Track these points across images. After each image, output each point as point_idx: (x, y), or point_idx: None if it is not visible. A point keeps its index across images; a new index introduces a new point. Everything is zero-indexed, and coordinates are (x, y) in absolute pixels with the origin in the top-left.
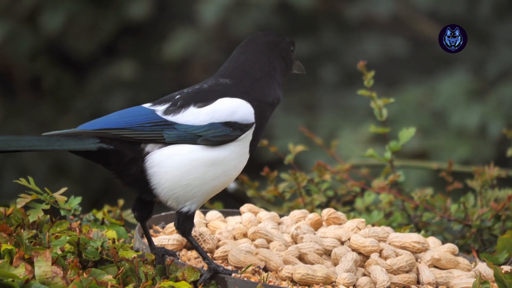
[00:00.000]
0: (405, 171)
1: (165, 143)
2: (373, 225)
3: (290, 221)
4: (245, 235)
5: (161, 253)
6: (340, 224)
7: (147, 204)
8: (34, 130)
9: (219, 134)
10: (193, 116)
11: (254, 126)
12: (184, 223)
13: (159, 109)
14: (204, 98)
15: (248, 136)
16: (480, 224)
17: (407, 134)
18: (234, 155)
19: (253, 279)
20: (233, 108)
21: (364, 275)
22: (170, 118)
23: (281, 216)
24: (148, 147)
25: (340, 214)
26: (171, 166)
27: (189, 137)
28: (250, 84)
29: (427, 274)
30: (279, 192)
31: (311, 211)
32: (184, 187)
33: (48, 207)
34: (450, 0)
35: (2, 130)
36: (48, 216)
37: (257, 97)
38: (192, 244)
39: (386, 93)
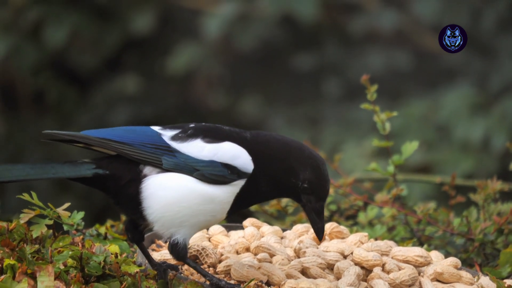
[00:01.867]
0: (408, 185)
1: (162, 168)
2: (376, 239)
3: (292, 235)
4: (247, 249)
5: (163, 268)
6: (343, 238)
7: (138, 226)
8: (37, 145)
9: (217, 173)
10: (197, 148)
11: (248, 176)
12: (176, 251)
13: (167, 134)
14: (214, 136)
15: (239, 184)
16: (483, 238)
17: (410, 147)
18: (224, 199)
19: None
20: (237, 153)
21: None
22: (175, 145)
23: (284, 230)
24: (146, 169)
25: (343, 228)
26: (168, 190)
27: (187, 168)
28: (260, 160)
29: None
30: (282, 206)
31: None
32: (174, 213)
33: (51, 222)
34: (453, 14)
35: (6, 145)
36: (51, 231)
37: (259, 166)
38: (190, 266)
39: (390, 107)
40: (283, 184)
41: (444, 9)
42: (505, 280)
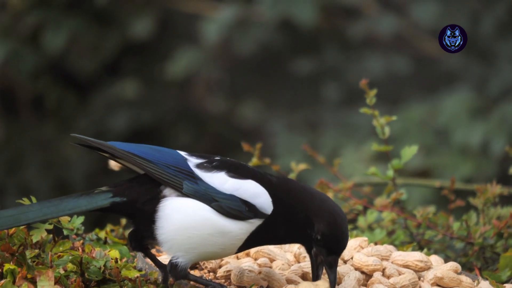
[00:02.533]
0: (408, 189)
1: (182, 193)
2: (375, 244)
3: None
4: (247, 254)
5: (166, 272)
6: None
7: (143, 240)
8: (37, 150)
9: (234, 208)
10: (219, 180)
11: (265, 218)
12: (175, 273)
13: (193, 160)
14: (239, 172)
15: (255, 224)
16: (483, 242)
17: (409, 152)
18: (237, 235)
19: None
20: (258, 193)
21: None
22: (198, 172)
23: None
24: (166, 191)
25: None
26: (184, 215)
27: (206, 197)
28: (281, 205)
29: None
30: None
31: None
32: (184, 238)
33: (51, 227)
34: (452, 18)
35: (5, 151)
36: (51, 235)
37: (278, 211)
38: (191, 280)
39: (389, 111)
40: (297, 231)
41: (443, 14)
42: (505, 284)
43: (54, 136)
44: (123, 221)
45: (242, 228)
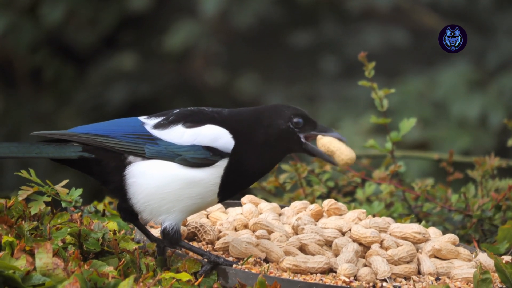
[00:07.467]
0: (406, 162)
1: (145, 157)
2: (374, 216)
3: (291, 212)
4: (246, 226)
5: (163, 245)
6: (341, 215)
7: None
8: (35, 123)
9: (199, 157)
10: (177, 134)
11: (229, 157)
12: (169, 238)
13: (151, 122)
14: (195, 120)
15: (223, 165)
16: (481, 214)
17: (407, 124)
18: (210, 181)
19: (254, 270)
20: (217, 135)
21: (365, 265)
22: (156, 133)
23: (282, 207)
24: (130, 157)
25: (341, 205)
26: (150, 178)
27: (169, 155)
28: (243, 132)
29: (428, 265)
30: (280, 183)
31: (312, 202)
32: (159, 200)
33: (49, 199)
34: None
35: (3, 123)
36: (49, 208)
37: (242, 141)
38: (185, 248)
39: (387, 84)
40: (277, 136)
41: None
42: (503, 256)
43: (52, 109)
44: None
45: (212, 174)
